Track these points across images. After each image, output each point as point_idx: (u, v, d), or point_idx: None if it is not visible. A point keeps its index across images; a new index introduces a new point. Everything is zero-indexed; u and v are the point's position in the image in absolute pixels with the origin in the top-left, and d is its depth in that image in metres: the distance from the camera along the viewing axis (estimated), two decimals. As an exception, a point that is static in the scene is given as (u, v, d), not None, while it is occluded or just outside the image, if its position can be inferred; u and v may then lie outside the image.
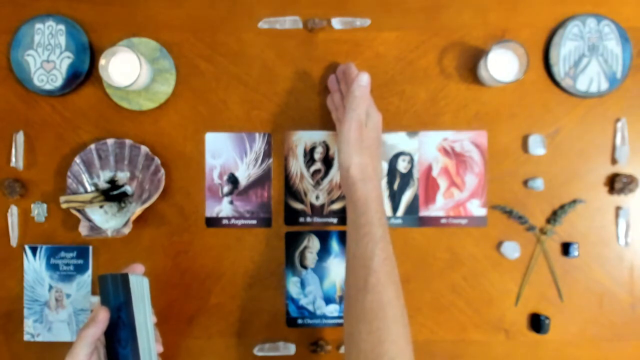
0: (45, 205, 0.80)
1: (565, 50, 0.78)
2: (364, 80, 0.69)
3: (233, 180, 0.80)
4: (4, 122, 0.81)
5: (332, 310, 0.79)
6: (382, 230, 0.65)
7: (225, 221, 0.80)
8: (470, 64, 0.79)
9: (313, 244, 0.80)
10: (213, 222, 0.80)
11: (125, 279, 0.58)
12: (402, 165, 0.80)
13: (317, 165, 0.80)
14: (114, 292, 0.59)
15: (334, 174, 0.80)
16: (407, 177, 0.80)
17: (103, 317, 0.57)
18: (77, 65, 0.79)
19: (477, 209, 0.79)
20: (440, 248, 0.79)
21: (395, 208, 0.79)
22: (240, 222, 0.80)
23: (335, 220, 0.80)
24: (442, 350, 0.79)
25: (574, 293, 0.78)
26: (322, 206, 0.80)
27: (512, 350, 0.79)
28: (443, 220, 0.79)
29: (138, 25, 0.80)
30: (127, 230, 0.75)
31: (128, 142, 0.78)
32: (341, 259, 0.79)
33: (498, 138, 0.79)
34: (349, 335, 0.62)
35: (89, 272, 0.80)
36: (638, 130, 0.79)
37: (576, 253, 0.78)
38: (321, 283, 0.80)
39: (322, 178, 0.80)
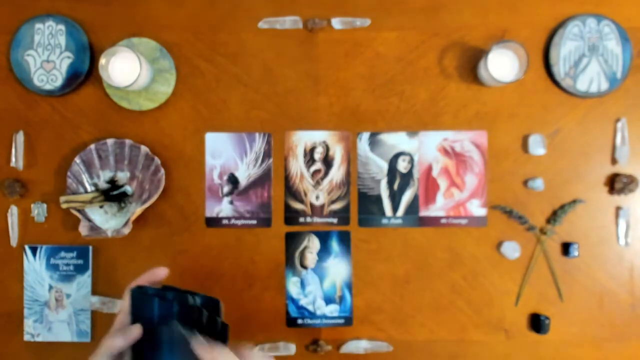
0: (45, 205, 0.80)
1: (565, 50, 0.78)
2: None
3: (233, 180, 0.80)
4: (4, 122, 0.81)
5: (332, 310, 0.79)
6: None
7: (225, 221, 0.80)
8: (470, 64, 0.79)
9: (313, 244, 0.80)
10: (213, 222, 0.80)
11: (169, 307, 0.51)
12: (402, 165, 0.80)
13: (317, 165, 0.80)
14: (148, 309, 0.51)
15: (334, 174, 0.80)
16: (407, 177, 0.80)
17: (136, 335, 0.51)
18: (77, 65, 0.79)
19: (477, 209, 0.79)
20: (440, 248, 0.79)
21: (395, 208, 0.79)
22: (240, 222, 0.80)
23: (335, 220, 0.80)
24: (442, 350, 0.79)
25: (574, 293, 0.78)
26: (322, 206, 0.80)
27: (512, 350, 0.79)
28: (443, 220, 0.79)
29: (138, 25, 0.80)
30: (127, 230, 0.75)
31: (128, 142, 0.78)
32: (341, 259, 0.79)
33: (498, 138, 0.79)
34: None
35: (89, 272, 0.80)
36: (638, 130, 0.79)
37: (576, 253, 0.78)
38: (321, 283, 0.80)
39: (322, 178, 0.80)
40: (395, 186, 0.80)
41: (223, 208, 0.80)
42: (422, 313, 0.79)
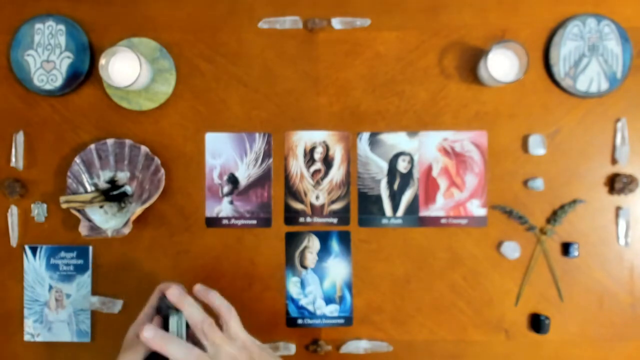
0: (45, 205, 0.80)
1: (565, 50, 0.78)
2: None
3: (233, 180, 0.80)
4: (4, 122, 0.81)
5: (332, 310, 0.79)
6: None
7: (225, 221, 0.80)
8: (470, 64, 0.79)
9: (313, 244, 0.80)
10: (213, 222, 0.80)
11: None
12: (402, 165, 0.80)
13: (317, 165, 0.80)
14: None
15: (334, 174, 0.80)
16: (407, 177, 0.80)
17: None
18: (77, 65, 0.79)
19: (477, 209, 0.79)
20: (440, 248, 0.79)
21: (395, 208, 0.79)
22: (240, 222, 0.80)
23: (335, 220, 0.80)
24: (442, 350, 0.79)
25: (574, 293, 0.78)
26: (322, 206, 0.80)
27: (512, 350, 0.79)
28: (443, 220, 0.79)
29: (138, 25, 0.80)
30: (127, 230, 0.75)
31: (128, 142, 0.78)
32: (341, 259, 0.79)
33: (498, 138, 0.79)
34: None
35: (89, 272, 0.80)
36: (638, 130, 0.79)
37: (576, 253, 0.78)
38: (321, 283, 0.80)
39: (322, 178, 0.80)
40: (395, 186, 0.80)
41: (223, 208, 0.80)
42: (422, 313, 0.79)
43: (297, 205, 0.80)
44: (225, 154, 0.80)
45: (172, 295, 0.56)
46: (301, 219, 0.80)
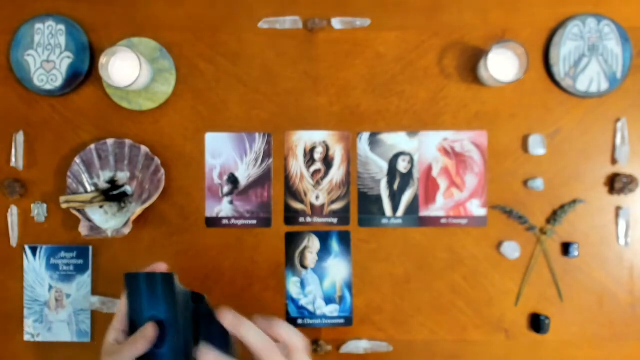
0: (45, 205, 0.80)
1: (565, 50, 0.78)
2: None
3: (233, 180, 0.80)
4: (4, 122, 0.81)
5: (332, 310, 0.79)
6: None
7: (225, 221, 0.80)
8: (470, 64, 0.79)
9: (313, 244, 0.80)
10: (213, 222, 0.80)
11: (169, 280, 0.52)
12: (402, 165, 0.80)
13: (317, 165, 0.80)
14: (149, 295, 0.53)
15: (334, 174, 0.80)
16: (407, 177, 0.80)
17: (153, 334, 0.51)
18: (77, 65, 0.79)
19: (477, 209, 0.79)
20: (440, 248, 0.79)
21: (395, 208, 0.79)
22: (240, 222, 0.80)
23: (335, 220, 0.80)
24: (442, 350, 0.79)
25: (574, 293, 0.78)
26: (322, 206, 0.80)
27: (512, 350, 0.79)
28: (443, 220, 0.79)
29: (138, 25, 0.80)
30: (127, 230, 0.75)
31: (128, 142, 0.78)
32: (341, 259, 0.79)
33: (498, 138, 0.79)
34: None
35: (89, 272, 0.80)
36: (638, 130, 0.79)
37: (576, 253, 0.78)
38: (321, 283, 0.80)
39: (322, 178, 0.80)
40: (395, 186, 0.80)
41: (223, 208, 0.80)
42: (422, 313, 0.79)
43: (297, 205, 0.80)
44: (225, 154, 0.80)
45: (226, 320, 0.51)
46: (301, 219, 0.80)
